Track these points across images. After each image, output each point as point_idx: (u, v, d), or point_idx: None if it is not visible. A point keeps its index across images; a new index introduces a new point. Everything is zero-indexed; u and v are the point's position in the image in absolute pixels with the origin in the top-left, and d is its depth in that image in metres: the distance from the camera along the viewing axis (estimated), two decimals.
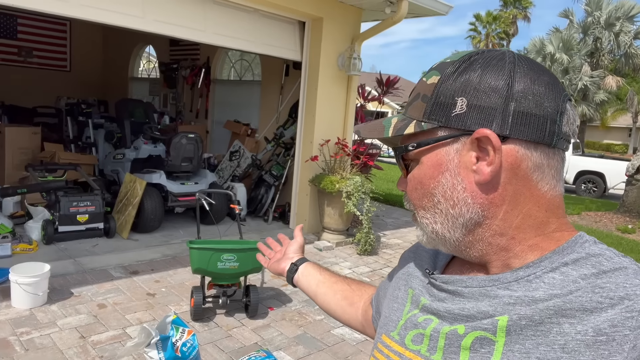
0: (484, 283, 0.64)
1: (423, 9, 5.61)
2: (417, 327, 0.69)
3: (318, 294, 1.07)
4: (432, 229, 0.67)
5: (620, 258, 0.59)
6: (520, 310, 0.58)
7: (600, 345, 0.52)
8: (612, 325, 0.52)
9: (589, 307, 0.54)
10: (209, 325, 3.32)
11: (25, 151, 6.01)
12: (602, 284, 0.55)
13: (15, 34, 9.36)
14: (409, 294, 0.76)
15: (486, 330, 0.59)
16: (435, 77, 0.64)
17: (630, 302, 0.53)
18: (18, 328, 3.01)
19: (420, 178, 0.67)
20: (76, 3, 3.85)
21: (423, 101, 0.65)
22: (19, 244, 4.20)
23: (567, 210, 8.23)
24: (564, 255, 0.61)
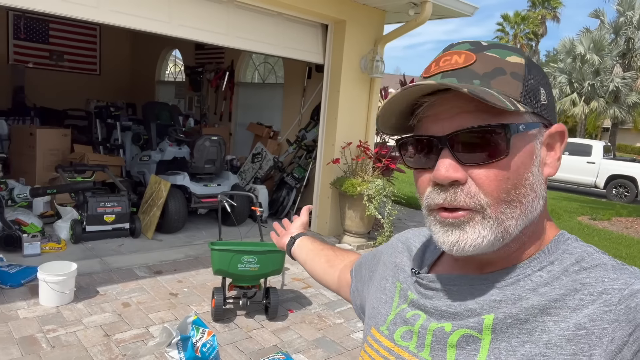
0: (474, 282, 0.64)
1: (447, 10, 5.55)
2: (406, 323, 0.69)
3: (307, 260, 1.13)
4: (506, 227, 0.59)
5: (600, 254, 0.60)
6: (506, 309, 0.59)
7: (580, 340, 0.53)
8: (591, 319, 0.53)
9: (571, 304, 0.55)
10: (230, 326, 3.35)
11: (56, 152, 6.19)
12: (583, 280, 0.57)
13: (47, 38, 9.67)
14: (397, 287, 0.76)
15: (472, 329, 0.60)
16: (517, 58, 0.61)
17: (608, 297, 0.54)
18: (45, 325, 3.10)
19: (517, 166, 0.59)
20: (106, 9, 3.95)
21: (515, 79, 0.59)
22: (48, 242, 4.33)
23: (597, 215, 7.95)
24: (550, 255, 0.62)
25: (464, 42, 0.63)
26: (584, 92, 18.90)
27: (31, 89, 9.06)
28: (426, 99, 0.60)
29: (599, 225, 8.54)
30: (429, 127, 0.62)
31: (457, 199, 0.59)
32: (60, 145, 6.28)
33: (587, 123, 22.94)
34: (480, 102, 0.56)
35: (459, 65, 0.59)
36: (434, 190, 0.61)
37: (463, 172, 0.59)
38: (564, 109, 19.18)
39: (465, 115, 0.59)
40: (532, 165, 0.60)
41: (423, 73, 0.64)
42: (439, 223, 0.62)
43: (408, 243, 0.83)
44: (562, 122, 4.87)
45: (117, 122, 7.10)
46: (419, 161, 0.64)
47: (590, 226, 8.43)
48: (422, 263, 0.76)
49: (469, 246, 0.59)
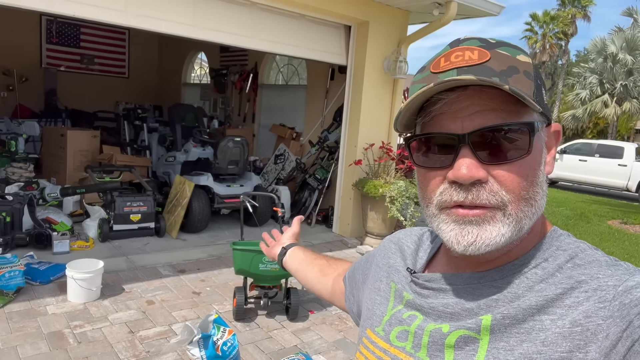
0: (470, 280, 0.64)
1: (473, 10, 5.47)
2: (402, 323, 0.69)
3: (299, 269, 1.12)
4: (522, 226, 0.59)
5: (593, 251, 0.61)
6: (503, 309, 0.59)
7: (575, 336, 0.53)
8: (586, 316, 0.53)
9: (567, 302, 0.56)
10: (250, 326, 3.38)
11: (85, 153, 6.36)
12: (578, 278, 0.57)
13: (78, 42, 9.96)
14: (391, 288, 0.76)
15: (470, 330, 0.60)
16: (525, 57, 0.61)
17: (602, 293, 0.54)
18: (72, 321, 3.18)
19: (534, 165, 0.60)
20: (133, 13, 4.04)
21: (527, 78, 0.59)
22: (76, 241, 4.45)
23: (628, 219, 7.69)
24: (544, 251, 0.62)
25: (471, 38, 0.62)
26: (616, 93, 18.34)
27: (63, 91, 9.34)
28: (443, 95, 0.59)
29: (630, 230, 8.27)
30: (446, 124, 0.60)
31: (480, 197, 0.58)
32: (89, 146, 6.46)
33: (618, 125, 22.26)
34: (500, 100, 0.57)
35: (474, 62, 0.58)
36: (450, 188, 0.60)
37: (484, 171, 0.58)
38: (594, 110, 18.67)
39: (487, 113, 0.58)
40: (541, 164, 0.62)
41: (431, 68, 0.62)
42: (454, 222, 0.60)
43: (400, 243, 0.82)
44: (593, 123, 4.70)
45: (144, 124, 7.26)
46: (432, 160, 0.62)
47: (621, 230, 8.17)
48: (416, 262, 0.76)
49: (487, 245, 0.58)
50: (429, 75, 0.61)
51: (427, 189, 0.64)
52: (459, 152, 0.59)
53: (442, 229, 0.61)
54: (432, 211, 0.63)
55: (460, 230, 0.59)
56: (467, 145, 0.58)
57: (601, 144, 13.76)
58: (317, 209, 6.18)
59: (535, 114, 0.60)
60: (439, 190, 0.61)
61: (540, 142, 0.61)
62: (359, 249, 5.37)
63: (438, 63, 0.61)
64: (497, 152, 0.58)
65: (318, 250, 5.14)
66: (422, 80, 0.62)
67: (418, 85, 0.62)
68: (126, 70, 10.84)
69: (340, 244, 5.55)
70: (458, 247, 0.60)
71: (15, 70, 8.90)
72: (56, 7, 3.68)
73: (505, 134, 0.58)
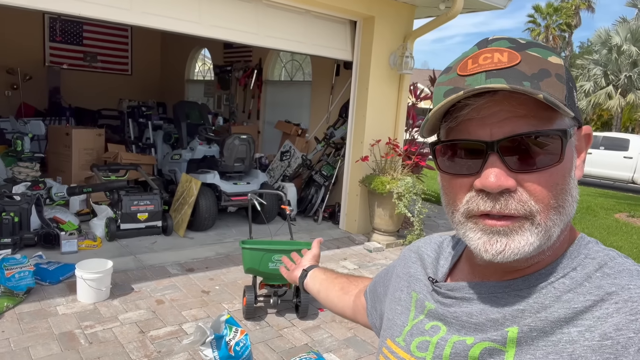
0: (495, 289, 0.63)
1: (479, 4, 5.43)
2: (423, 334, 0.67)
3: (321, 290, 1.11)
4: (550, 234, 0.57)
5: (623, 259, 0.59)
6: (530, 320, 0.57)
7: (605, 350, 0.51)
8: (617, 329, 0.51)
9: (597, 314, 0.54)
10: (261, 325, 3.37)
11: (90, 152, 6.36)
12: (609, 289, 0.55)
13: (81, 40, 9.94)
14: (412, 298, 0.75)
15: (495, 342, 0.58)
16: (557, 59, 0.59)
17: (634, 304, 0.52)
18: (83, 322, 3.18)
19: (564, 172, 0.58)
20: (138, 11, 4.02)
21: (559, 81, 0.57)
22: (84, 240, 4.45)
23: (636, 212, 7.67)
24: (572, 260, 0.60)
25: (500, 39, 0.60)
26: (621, 85, 18.22)
27: (66, 89, 9.33)
28: (471, 100, 0.57)
29: (638, 223, 8.23)
30: (474, 131, 0.58)
31: (509, 206, 0.56)
32: (94, 145, 6.45)
33: (623, 116, 22.13)
34: (531, 106, 0.55)
35: (504, 65, 0.56)
36: (477, 197, 0.58)
37: (513, 180, 0.56)
38: (598, 102, 18.55)
39: (517, 120, 0.56)
40: (572, 170, 0.60)
41: (458, 70, 0.60)
42: (482, 230, 0.58)
43: (420, 252, 0.81)
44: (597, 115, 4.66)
45: (149, 122, 7.24)
46: (458, 166, 0.61)
47: (629, 224, 8.13)
48: (437, 271, 0.74)
49: (515, 254, 0.57)
50: (455, 78, 0.59)
51: (452, 195, 0.62)
52: (487, 160, 0.57)
53: (470, 237, 0.60)
54: (458, 219, 0.62)
55: (488, 239, 0.58)
56: (496, 153, 0.56)
57: (606, 137, 13.68)
58: (324, 205, 6.17)
59: (567, 119, 0.58)
60: (466, 198, 0.60)
61: (571, 147, 0.59)
62: (366, 246, 5.36)
63: (465, 65, 0.59)
64: (527, 160, 0.56)
65: (325, 247, 5.11)
66: (448, 83, 0.60)
67: (443, 88, 0.60)
68: (129, 68, 10.82)
69: (348, 241, 5.54)
70: (486, 255, 0.58)
71: (19, 69, 8.89)
72: (62, 7, 3.65)
73: (535, 142, 0.56)
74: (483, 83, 0.56)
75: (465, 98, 0.57)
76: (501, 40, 0.60)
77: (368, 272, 4.59)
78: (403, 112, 5.86)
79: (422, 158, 5.88)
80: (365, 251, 5.27)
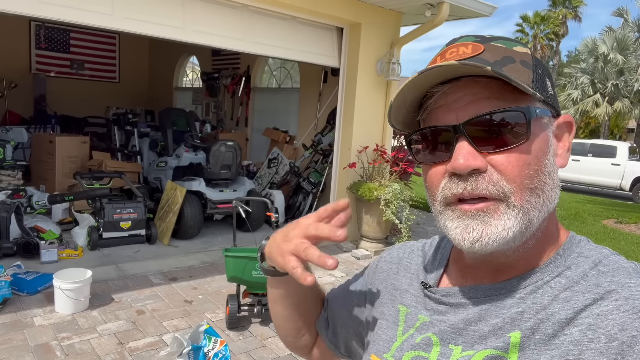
0: (490, 292, 0.61)
1: (465, 11, 5.44)
2: (415, 348, 0.64)
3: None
4: (530, 218, 0.56)
5: (615, 256, 0.59)
6: (531, 322, 0.56)
7: (612, 351, 0.50)
8: (622, 329, 0.51)
9: (596, 311, 0.53)
10: (244, 334, 3.30)
11: (75, 159, 6.26)
12: (608, 287, 0.54)
13: (68, 47, 9.85)
14: (400, 312, 0.71)
15: (497, 349, 0.57)
16: (523, 48, 0.60)
17: (636, 302, 0.52)
18: (60, 333, 3.09)
19: (536, 152, 0.57)
20: (121, 16, 3.97)
21: (525, 67, 0.57)
22: (65, 249, 4.35)
23: (623, 218, 7.68)
24: (565, 258, 0.60)
25: (467, 36, 0.62)
26: (607, 93, 18.42)
27: (52, 97, 9.22)
28: (438, 89, 0.58)
29: (626, 229, 8.26)
30: (442, 117, 0.59)
31: (479, 187, 0.56)
32: (79, 152, 6.36)
33: (610, 124, 22.37)
34: (494, 88, 0.56)
35: (468, 55, 0.57)
36: (450, 181, 0.58)
37: (482, 160, 0.56)
38: (586, 109, 18.74)
39: (481, 102, 0.57)
40: (548, 153, 0.59)
41: (429, 65, 0.60)
42: (458, 218, 0.58)
43: (402, 263, 0.78)
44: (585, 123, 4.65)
45: (135, 129, 7.16)
46: (431, 155, 0.61)
47: (617, 230, 8.16)
48: (426, 277, 0.72)
49: (493, 241, 0.56)
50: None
51: (430, 185, 0.62)
52: (456, 143, 0.57)
53: (448, 227, 0.59)
54: (437, 208, 0.61)
55: (464, 227, 0.57)
56: (463, 135, 0.57)
57: (594, 144, 13.80)
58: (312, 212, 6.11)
59: (537, 102, 0.58)
60: (441, 185, 0.59)
61: (543, 130, 0.58)
62: (354, 253, 5.31)
63: (434, 61, 0.61)
64: (493, 139, 0.56)
65: None
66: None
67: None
68: (117, 75, 10.73)
69: (335, 248, 5.48)
70: (464, 244, 0.57)
71: (4, 77, 8.77)
72: (42, 11, 3.59)
73: (500, 121, 0.56)
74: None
75: (432, 87, 0.58)
76: (468, 36, 0.62)
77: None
78: None
79: (409, 164, 5.86)
80: (353, 258, 5.21)
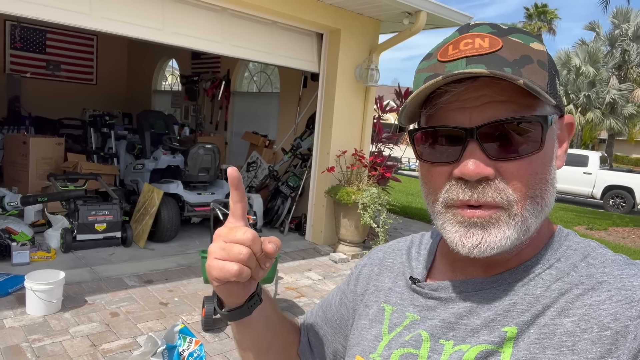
0: (482, 286, 0.60)
1: (442, 20, 5.56)
2: (404, 346, 0.63)
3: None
4: (528, 225, 0.56)
5: (603, 249, 0.59)
6: (525, 315, 0.56)
7: (605, 340, 0.50)
8: (614, 318, 0.51)
9: (589, 302, 0.53)
10: (220, 336, 3.28)
11: (49, 161, 6.14)
12: (600, 278, 0.55)
13: (44, 48, 9.68)
14: (385, 310, 0.69)
15: (492, 343, 0.56)
16: (539, 45, 0.57)
17: (628, 292, 0.52)
18: (31, 335, 3.03)
19: (544, 161, 0.56)
20: (98, 16, 3.94)
21: (541, 68, 0.55)
22: (37, 251, 4.27)
23: (594, 226, 7.91)
24: (555, 251, 0.60)
25: (482, 24, 0.58)
26: (580, 104, 18.97)
27: (27, 98, 9.04)
28: (451, 87, 0.55)
29: (596, 235, 8.51)
30: (453, 117, 0.56)
31: (486, 194, 0.54)
32: (53, 154, 6.24)
33: (583, 134, 23.00)
34: (512, 92, 0.53)
35: (485, 51, 0.54)
36: (456, 185, 0.56)
37: (492, 167, 0.54)
38: None
39: (497, 106, 0.54)
40: (552, 159, 0.58)
41: (439, 56, 0.57)
42: (459, 222, 0.56)
43: (386, 263, 0.76)
44: None
45: (112, 131, 7.07)
46: (437, 154, 0.58)
47: (587, 236, 8.25)
48: (414, 273, 0.70)
49: (492, 249, 0.55)
50: (435, 64, 0.57)
51: (432, 184, 0.60)
52: (467, 147, 0.55)
53: (447, 229, 0.58)
54: (437, 209, 0.59)
55: (465, 232, 0.56)
56: (475, 140, 0.54)
57: (567, 153, 14.15)
58: (290, 216, 6.13)
59: (548, 107, 0.56)
60: (446, 187, 0.57)
61: (552, 135, 0.57)
62: (331, 257, 5.33)
63: (446, 51, 0.57)
64: (506, 147, 0.54)
65: (291, 258, 5.05)
66: (429, 69, 0.58)
67: (424, 74, 0.58)
68: (94, 77, 10.58)
69: (313, 252, 5.50)
70: (462, 249, 0.56)
71: None
72: (17, 9, 3.54)
73: (515, 129, 0.54)
74: (463, 69, 0.53)
75: (445, 84, 0.54)
76: (483, 25, 0.57)
77: (332, 283, 4.56)
78: (369, 123, 5.92)
79: (387, 169, 5.94)
80: (330, 262, 5.24)
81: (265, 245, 0.58)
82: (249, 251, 0.56)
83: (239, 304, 0.65)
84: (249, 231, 0.58)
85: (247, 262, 0.56)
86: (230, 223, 0.61)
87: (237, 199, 0.62)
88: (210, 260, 0.58)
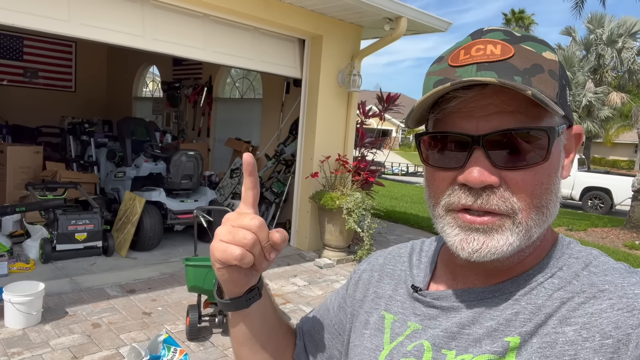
0: (484, 295, 0.60)
1: (422, 26, 5.63)
2: (406, 356, 0.62)
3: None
4: (531, 234, 0.56)
5: (604, 257, 0.59)
6: (527, 324, 0.55)
7: (607, 349, 0.50)
8: (616, 327, 0.51)
9: (590, 310, 0.53)
10: (205, 345, 3.25)
11: (27, 170, 6.02)
12: (602, 287, 0.54)
13: (21, 55, 9.50)
14: (385, 319, 0.68)
15: (495, 354, 0.55)
16: (551, 54, 0.56)
17: (630, 301, 0.52)
18: (10, 348, 2.95)
19: (550, 171, 0.56)
20: (77, 23, 3.89)
21: (552, 78, 0.55)
22: (16, 262, 4.17)
23: (573, 226, 8.04)
24: (557, 260, 0.60)
25: (495, 30, 0.57)
26: None
27: (4, 106, 8.85)
28: (460, 93, 0.54)
29: (576, 236, 8.66)
30: (460, 123, 0.56)
31: (490, 202, 0.54)
32: (31, 163, 6.12)
33: None
34: (520, 102, 0.53)
35: (496, 58, 0.54)
36: (459, 190, 0.56)
37: (497, 176, 0.54)
38: None
39: (504, 116, 0.54)
40: (558, 170, 0.58)
41: (450, 60, 0.57)
42: (460, 227, 0.56)
43: (386, 270, 0.75)
44: None
45: (91, 139, 6.96)
46: (442, 159, 0.58)
47: (568, 236, 8.52)
48: (415, 281, 0.69)
49: (492, 254, 0.55)
50: (446, 68, 0.57)
51: (435, 188, 0.60)
52: (472, 154, 0.55)
53: (447, 232, 0.58)
54: (438, 212, 0.59)
55: (465, 237, 0.56)
56: (481, 148, 0.54)
57: None
58: (275, 222, 6.10)
59: (557, 117, 0.56)
60: (448, 191, 0.58)
61: (559, 146, 0.57)
62: (316, 262, 5.33)
63: (457, 55, 0.57)
64: (512, 156, 0.54)
65: (275, 264, 5.01)
66: (439, 73, 0.58)
67: (434, 78, 0.58)
68: (73, 84, 10.42)
69: (298, 258, 5.49)
70: (462, 253, 0.56)
71: None
72: None
73: (522, 139, 0.54)
74: (474, 75, 0.53)
75: (454, 90, 0.54)
76: (496, 31, 0.57)
77: (318, 288, 4.55)
78: (352, 128, 5.94)
79: (371, 174, 5.96)
80: (315, 267, 5.23)
81: (272, 234, 0.59)
82: (253, 237, 0.58)
83: (238, 294, 0.66)
84: (257, 218, 0.59)
85: (251, 248, 0.58)
86: (240, 209, 0.62)
87: (250, 186, 0.63)
88: (215, 242, 0.60)
